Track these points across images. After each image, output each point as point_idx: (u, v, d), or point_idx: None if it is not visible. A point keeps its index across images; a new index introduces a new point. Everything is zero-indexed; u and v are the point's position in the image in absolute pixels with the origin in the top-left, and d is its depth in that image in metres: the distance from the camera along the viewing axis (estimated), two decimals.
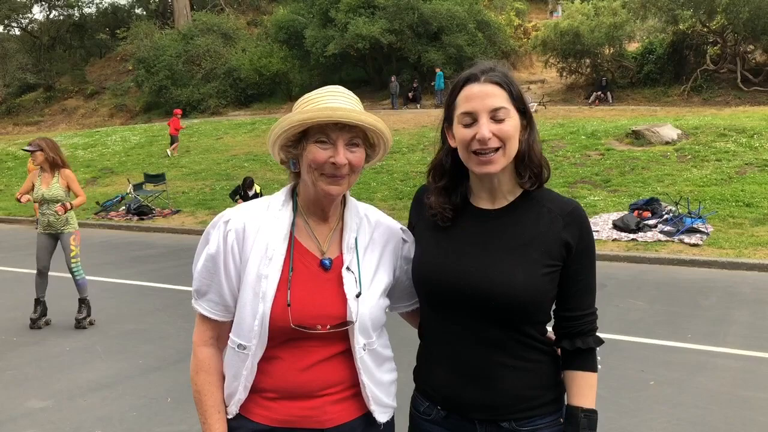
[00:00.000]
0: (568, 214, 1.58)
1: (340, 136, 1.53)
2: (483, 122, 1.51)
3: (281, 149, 1.61)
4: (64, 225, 6.34)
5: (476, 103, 1.52)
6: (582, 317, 1.61)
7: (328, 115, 1.50)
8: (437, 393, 1.64)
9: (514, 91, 1.54)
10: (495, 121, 1.52)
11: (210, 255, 1.59)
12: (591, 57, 24.31)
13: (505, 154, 1.53)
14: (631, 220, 9.95)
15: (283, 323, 1.52)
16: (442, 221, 1.63)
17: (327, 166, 1.53)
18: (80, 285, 6.46)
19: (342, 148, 1.53)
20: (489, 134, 1.50)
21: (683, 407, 4.25)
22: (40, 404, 4.53)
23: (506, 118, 1.52)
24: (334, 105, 1.54)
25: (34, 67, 37.97)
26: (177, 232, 12.93)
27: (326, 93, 1.59)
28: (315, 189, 1.57)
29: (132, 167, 19.26)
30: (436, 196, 1.64)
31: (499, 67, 1.57)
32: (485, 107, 1.52)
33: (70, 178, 6.37)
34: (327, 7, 27.09)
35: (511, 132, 1.52)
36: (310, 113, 1.52)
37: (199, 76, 30.88)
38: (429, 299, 1.65)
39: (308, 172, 1.56)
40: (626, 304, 6.81)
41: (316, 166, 1.54)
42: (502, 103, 1.52)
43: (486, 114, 1.52)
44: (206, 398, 1.60)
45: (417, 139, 17.74)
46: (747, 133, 14.13)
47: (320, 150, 1.53)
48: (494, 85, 1.53)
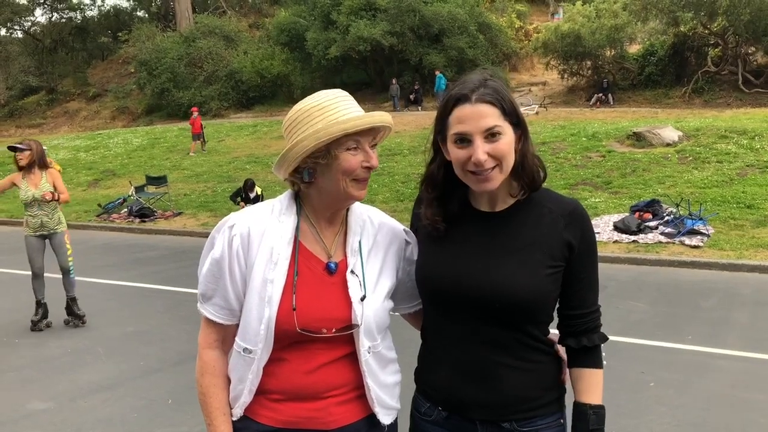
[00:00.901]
0: (569, 213, 1.59)
1: (366, 140, 1.57)
2: (478, 144, 1.50)
3: (304, 161, 1.56)
4: (57, 224, 6.35)
5: (469, 126, 1.51)
6: (586, 315, 1.62)
7: (367, 122, 1.53)
8: (438, 393, 1.65)
9: (507, 107, 1.52)
10: (489, 140, 1.51)
11: (215, 260, 1.60)
12: (592, 59, 24.32)
13: (502, 170, 1.53)
14: (632, 222, 9.95)
15: (289, 327, 1.54)
16: (436, 232, 1.64)
17: (360, 171, 1.56)
18: (73, 284, 6.49)
19: (370, 150, 1.57)
20: (484, 157, 1.50)
21: (683, 409, 4.26)
22: (41, 406, 4.54)
23: (501, 135, 1.51)
24: (358, 108, 1.58)
25: (36, 69, 38.09)
26: (179, 234, 12.94)
27: (339, 100, 1.58)
28: (344, 194, 1.58)
29: (134, 169, 19.28)
30: (427, 207, 1.65)
31: (490, 81, 1.54)
32: (479, 129, 1.50)
33: (56, 176, 6.39)
34: (328, 10, 27.12)
35: (506, 150, 1.52)
36: (351, 122, 1.51)
37: (201, 78, 30.93)
38: (432, 300, 1.67)
39: (341, 179, 1.55)
40: (627, 305, 6.82)
41: (350, 172, 1.55)
42: (496, 121, 1.50)
43: (480, 136, 1.50)
44: (211, 400, 1.62)
45: (418, 142, 17.74)
46: (748, 134, 14.12)
47: (352, 156, 1.55)
48: (486, 104, 1.51)
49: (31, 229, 6.32)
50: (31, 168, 6.27)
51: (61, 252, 6.40)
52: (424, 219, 1.65)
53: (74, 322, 6.47)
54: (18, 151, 6.27)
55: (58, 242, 6.38)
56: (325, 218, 1.65)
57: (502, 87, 1.56)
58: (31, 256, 6.36)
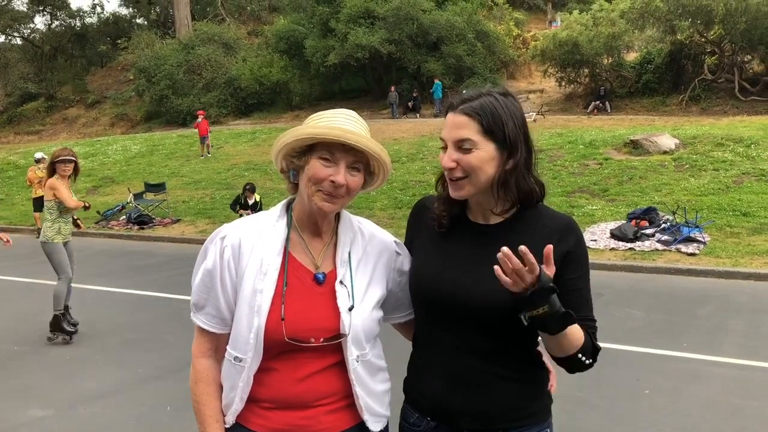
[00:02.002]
0: (563, 227, 1.61)
1: (344, 157, 1.58)
2: (449, 152, 1.58)
3: (284, 158, 1.66)
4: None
5: (447, 132, 1.59)
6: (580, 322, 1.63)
7: (338, 135, 1.55)
8: (428, 402, 1.67)
9: (486, 123, 1.55)
10: (461, 151, 1.56)
11: (207, 270, 1.65)
12: (589, 67, 24.41)
13: (471, 182, 1.57)
14: (628, 230, 10.00)
15: (278, 336, 1.57)
16: (438, 227, 1.68)
17: (326, 184, 1.57)
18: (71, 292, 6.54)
19: (344, 169, 1.58)
20: (451, 164, 1.57)
21: (678, 416, 4.29)
22: (40, 413, 4.56)
23: (472, 150, 1.55)
24: (346, 127, 1.58)
25: (35, 76, 38.14)
26: (177, 241, 12.96)
27: (340, 114, 1.64)
28: (309, 203, 1.62)
29: (133, 176, 19.31)
30: (439, 203, 1.69)
31: (484, 96, 1.58)
32: (452, 137, 1.57)
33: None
34: (327, 18, 27.24)
35: (474, 163, 1.55)
36: (321, 129, 1.57)
37: (200, 85, 31.01)
38: (424, 309, 1.70)
39: (306, 185, 1.60)
40: (623, 313, 6.85)
41: (315, 181, 1.58)
42: (469, 135, 1.55)
43: (453, 144, 1.58)
44: (205, 408, 1.66)
45: (416, 149, 17.80)
46: (744, 142, 14.20)
47: (323, 167, 1.58)
48: (466, 116, 1.56)
49: (62, 236, 6.40)
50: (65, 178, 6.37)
51: (73, 259, 6.55)
52: (435, 212, 1.69)
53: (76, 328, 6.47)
54: (66, 163, 6.27)
55: (71, 249, 6.53)
56: (311, 229, 1.69)
57: (499, 105, 1.56)
58: (66, 261, 6.38)
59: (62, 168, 6.24)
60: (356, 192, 1.64)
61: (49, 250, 6.32)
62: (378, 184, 1.74)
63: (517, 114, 1.58)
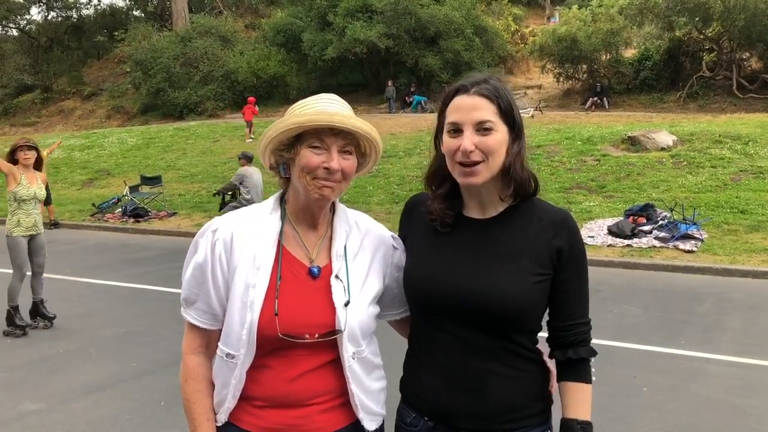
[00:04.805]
0: (558, 222, 1.58)
1: (335, 142, 1.54)
2: (467, 134, 1.52)
3: (273, 153, 1.61)
4: (41, 225, 6.42)
5: (463, 115, 1.53)
6: (573, 327, 1.60)
7: (325, 119, 1.51)
8: (424, 402, 1.63)
9: (503, 105, 1.54)
10: (480, 133, 1.52)
11: (198, 264, 1.59)
12: (588, 63, 24.39)
13: (488, 166, 1.54)
14: (626, 226, 9.97)
15: (271, 332, 1.52)
16: (442, 226, 1.63)
17: (320, 171, 1.53)
18: (42, 285, 6.47)
19: (336, 154, 1.54)
20: (471, 147, 1.51)
21: (675, 414, 4.27)
22: (32, 407, 4.52)
23: (492, 131, 1.52)
24: (331, 110, 1.54)
25: (31, 68, 37.90)
26: (173, 234, 12.90)
27: (323, 99, 1.60)
28: (306, 194, 1.57)
29: (129, 169, 19.21)
30: (438, 202, 1.64)
31: (492, 80, 1.57)
32: (471, 119, 1.52)
33: (45, 179, 6.53)
34: (325, 11, 27.13)
35: (494, 146, 1.52)
36: (307, 116, 1.52)
37: (197, 78, 30.84)
38: (419, 307, 1.66)
39: (300, 176, 1.56)
40: (620, 310, 6.83)
41: (308, 170, 1.53)
42: (489, 116, 1.52)
43: (471, 126, 1.52)
44: (195, 406, 1.61)
45: (414, 144, 17.74)
46: (742, 139, 14.18)
47: (314, 155, 1.53)
48: (483, 98, 1.53)
49: (24, 228, 6.24)
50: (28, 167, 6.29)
51: (42, 253, 6.43)
52: (431, 213, 1.64)
53: (45, 324, 6.41)
54: (26, 150, 6.20)
55: (41, 243, 6.41)
56: (306, 221, 1.64)
57: (504, 88, 1.57)
58: (21, 257, 6.26)
59: (23, 156, 6.17)
60: (352, 175, 1.60)
61: (7, 243, 6.24)
62: (371, 165, 1.69)
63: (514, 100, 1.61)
